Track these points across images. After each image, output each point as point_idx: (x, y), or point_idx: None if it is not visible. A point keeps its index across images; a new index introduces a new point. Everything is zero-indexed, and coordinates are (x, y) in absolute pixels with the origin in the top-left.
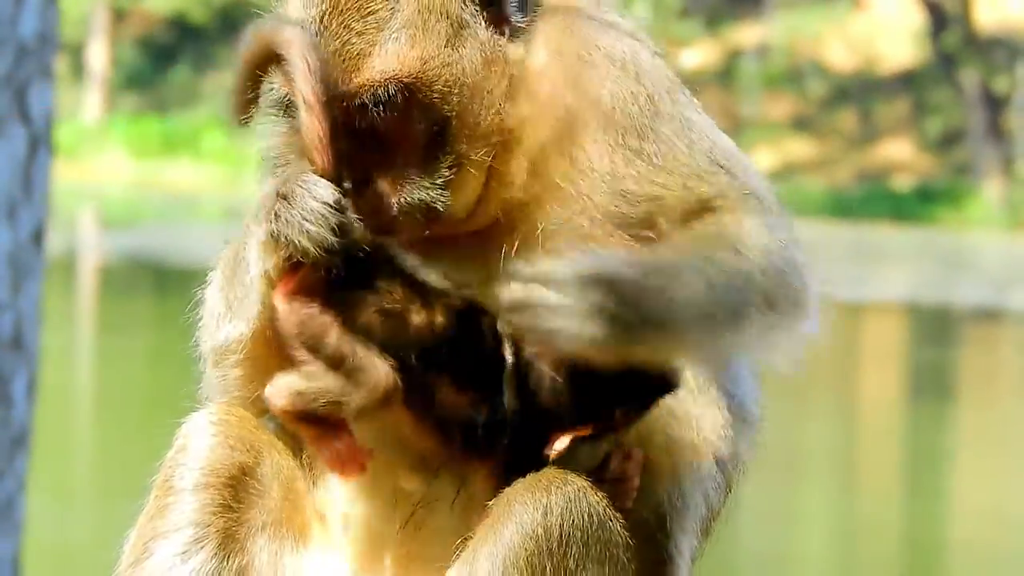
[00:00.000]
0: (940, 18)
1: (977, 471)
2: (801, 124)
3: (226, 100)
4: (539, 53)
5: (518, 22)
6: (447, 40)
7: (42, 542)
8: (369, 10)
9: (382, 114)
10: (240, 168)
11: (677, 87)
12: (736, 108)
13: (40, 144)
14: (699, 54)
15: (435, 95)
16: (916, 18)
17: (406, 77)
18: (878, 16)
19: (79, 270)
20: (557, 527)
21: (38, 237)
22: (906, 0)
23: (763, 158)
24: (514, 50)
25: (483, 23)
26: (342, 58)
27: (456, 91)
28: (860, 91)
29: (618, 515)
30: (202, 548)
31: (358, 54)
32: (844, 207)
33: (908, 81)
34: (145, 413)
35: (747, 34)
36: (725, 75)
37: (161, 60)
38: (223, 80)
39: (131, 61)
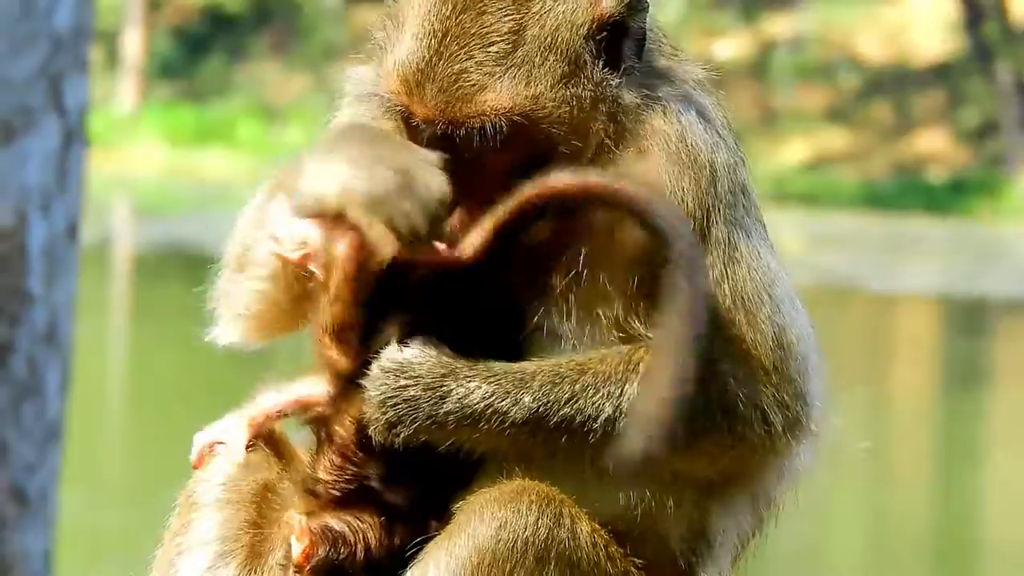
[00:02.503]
0: (975, 10)
1: (1010, 461)
2: (835, 116)
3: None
4: (644, 120)
5: (633, 66)
6: (562, 79)
7: (75, 534)
8: (491, 41)
9: (485, 144)
10: (271, 156)
11: (740, 199)
12: (770, 99)
13: (74, 136)
14: (733, 45)
15: (541, 132)
16: (950, 10)
17: (516, 115)
18: (912, 7)
19: (113, 259)
20: (510, 539)
21: (72, 230)
22: None
23: (797, 149)
24: (628, 95)
25: (600, 64)
26: (457, 83)
27: (562, 128)
28: (894, 83)
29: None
30: (228, 564)
31: (474, 84)
32: (878, 199)
33: (942, 73)
34: (178, 401)
35: (781, 25)
36: (759, 66)
37: (195, 50)
38: (256, 70)
39: (166, 50)
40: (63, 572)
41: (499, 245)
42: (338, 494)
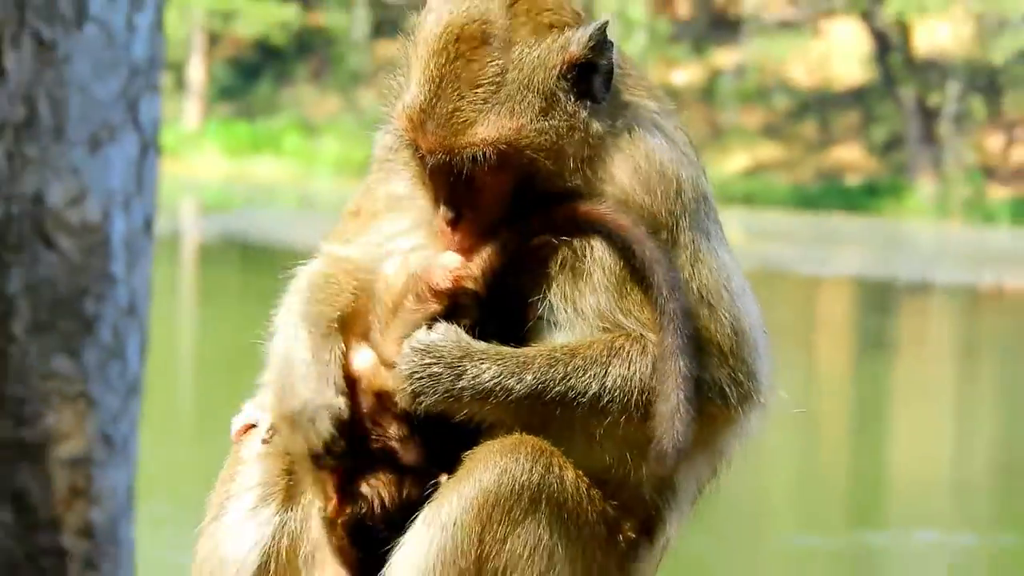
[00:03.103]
0: (884, 44)
1: (912, 414)
2: (770, 131)
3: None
4: (613, 144)
5: (603, 96)
6: (540, 112)
7: (151, 473)
8: (479, 84)
9: (479, 169)
10: (312, 164)
11: (702, 205)
12: (717, 118)
13: (149, 148)
14: (686, 73)
15: (524, 157)
16: (864, 44)
17: (502, 144)
18: (833, 42)
19: (181, 248)
20: (509, 483)
21: (148, 225)
22: (856, 29)
23: (739, 159)
24: (596, 125)
25: (572, 98)
26: (452, 120)
27: (542, 154)
28: (818, 104)
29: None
30: (268, 505)
31: (465, 120)
32: (805, 200)
33: (858, 96)
34: (234, 366)
35: (726, 57)
36: (708, 91)
37: (248, 76)
38: (298, 92)
39: (224, 76)
40: (142, 503)
41: (505, 259)
42: (361, 454)
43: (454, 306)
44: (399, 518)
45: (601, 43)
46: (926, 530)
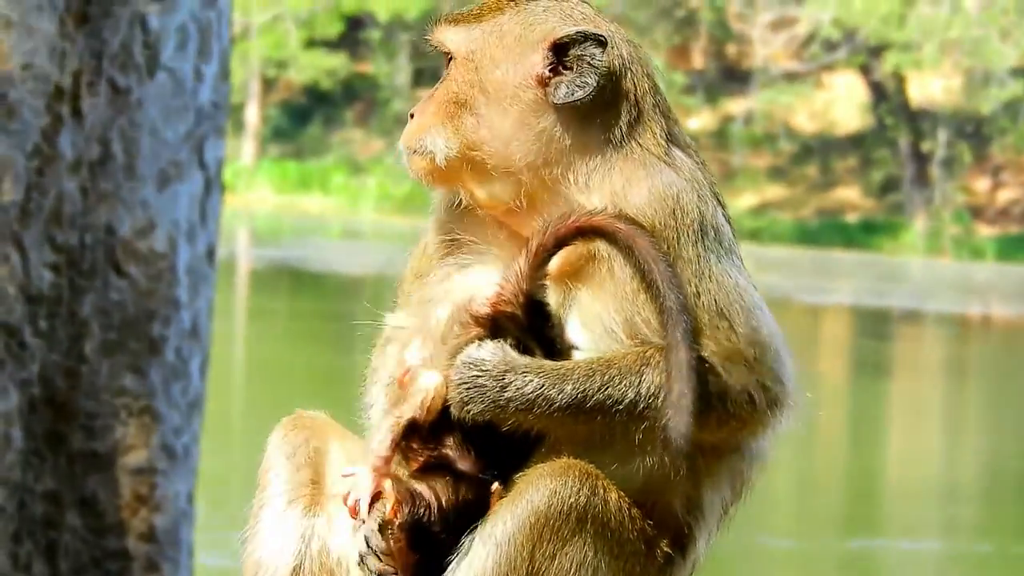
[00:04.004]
0: (881, 94)
1: (903, 431)
2: (776, 173)
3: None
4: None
5: (589, 94)
6: (505, 59)
7: (210, 480)
8: (483, 12)
9: (448, 67)
10: (357, 200)
11: (707, 230)
12: (728, 161)
13: (213, 185)
14: (700, 120)
15: (473, 71)
16: (863, 94)
17: (458, 52)
18: (835, 92)
19: (237, 273)
20: (559, 504)
21: (211, 253)
22: (855, 80)
23: (747, 199)
24: (579, 125)
25: (547, 72)
26: (446, 19)
27: (488, 82)
28: (821, 148)
29: (626, 501)
30: (295, 510)
31: (451, 21)
32: (807, 236)
33: (857, 141)
34: (285, 380)
35: (736, 105)
36: (720, 135)
37: (299, 118)
38: (345, 134)
39: (277, 119)
40: (202, 509)
41: (533, 283)
42: (421, 461)
43: (495, 328)
44: (455, 519)
45: (597, 38)
46: (917, 537)
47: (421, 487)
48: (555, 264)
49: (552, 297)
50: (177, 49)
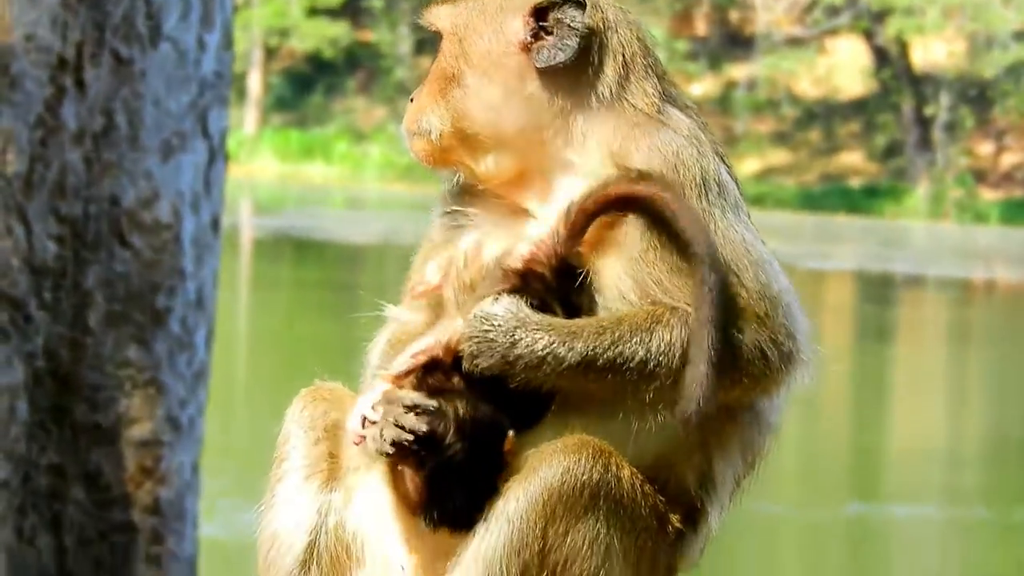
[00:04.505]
0: (884, 59)
1: (906, 395)
2: (779, 139)
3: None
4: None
5: (568, 57)
6: (489, 32)
7: (213, 451)
8: None
9: (441, 47)
10: (359, 168)
11: (711, 185)
12: (731, 127)
13: (217, 155)
14: (703, 86)
15: (459, 59)
16: (866, 59)
17: (446, 30)
18: (838, 57)
19: (240, 243)
20: (572, 481)
21: (215, 224)
22: (858, 45)
23: (751, 164)
24: (568, 88)
25: (529, 38)
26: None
27: (476, 55)
28: (824, 114)
29: (638, 477)
30: (312, 484)
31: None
32: (811, 202)
33: (860, 106)
34: (289, 349)
35: (739, 71)
36: (723, 101)
37: (302, 87)
38: (348, 102)
39: (279, 87)
40: (207, 479)
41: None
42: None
43: (523, 286)
44: (469, 447)
45: (576, 1)
46: (916, 503)
47: (438, 400)
48: (589, 232)
49: (581, 264)
50: (180, 19)
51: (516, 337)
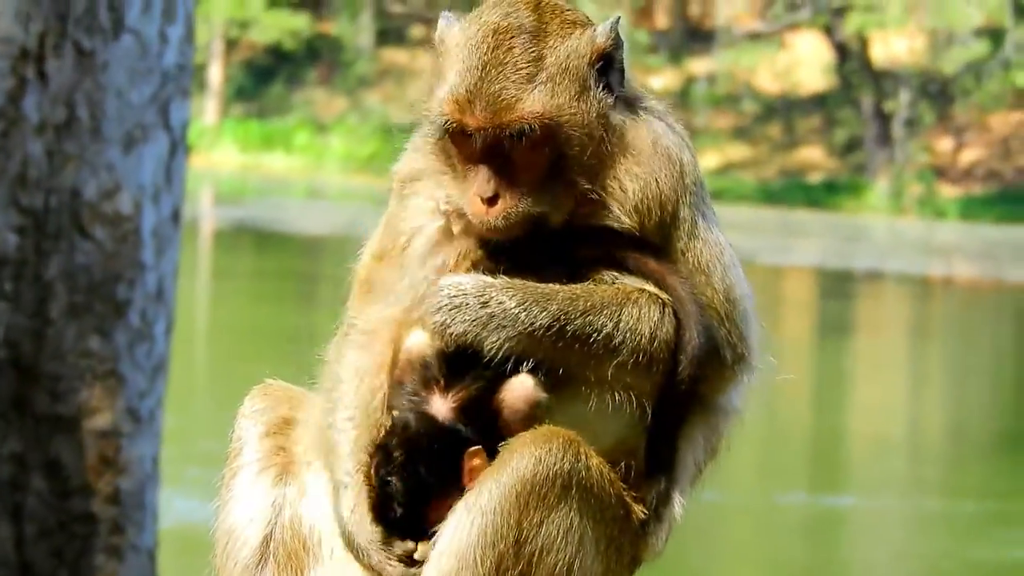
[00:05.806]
0: (844, 55)
1: (864, 386)
2: (739, 133)
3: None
4: (628, 132)
5: (620, 92)
6: (576, 94)
7: (174, 443)
8: (520, 67)
9: (523, 144)
10: (319, 159)
11: (700, 187)
12: (691, 121)
13: (178, 147)
14: (663, 80)
15: (564, 133)
16: (826, 54)
17: (547, 118)
18: (798, 52)
19: (200, 233)
20: (544, 471)
21: (176, 216)
22: (819, 41)
23: (711, 159)
24: (617, 112)
25: (599, 88)
26: (499, 98)
27: (578, 131)
28: (784, 109)
29: (605, 466)
30: (266, 478)
31: (513, 97)
32: (770, 196)
33: (820, 102)
34: (247, 340)
35: (699, 65)
36: (683, 95)
37: (262, 78)
38: (308, 94)
39: (240, 78)
40: (166, 472)
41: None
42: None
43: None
44: (426, 457)
45: (618, 38)
46: (878, 495)
47: (395, 415)
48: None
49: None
50: (142, 11)
51: (487, 297)
